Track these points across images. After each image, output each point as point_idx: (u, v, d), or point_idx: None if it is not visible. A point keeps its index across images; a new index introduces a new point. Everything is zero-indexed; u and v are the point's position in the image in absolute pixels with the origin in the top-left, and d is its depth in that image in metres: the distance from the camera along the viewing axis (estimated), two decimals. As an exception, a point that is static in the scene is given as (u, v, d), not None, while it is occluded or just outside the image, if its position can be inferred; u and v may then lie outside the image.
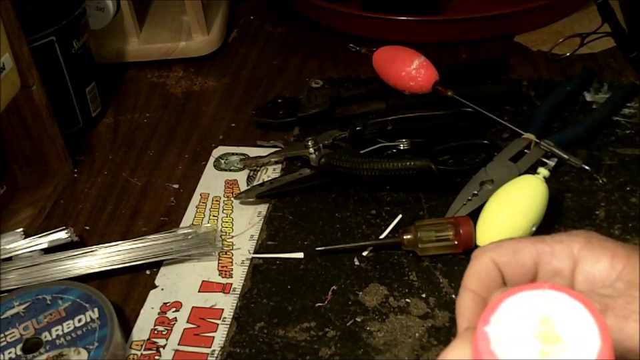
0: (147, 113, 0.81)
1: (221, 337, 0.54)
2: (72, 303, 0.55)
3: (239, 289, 0.58)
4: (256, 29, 0.95)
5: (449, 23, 0.87)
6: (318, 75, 0.83)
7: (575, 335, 0.25)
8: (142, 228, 0.65)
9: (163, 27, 0.90)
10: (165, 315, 0.57)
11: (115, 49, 0.87)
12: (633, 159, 0.66)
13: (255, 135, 0.75)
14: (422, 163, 0.61)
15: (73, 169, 0.73)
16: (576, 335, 0.25)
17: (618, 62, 0.80)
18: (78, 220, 0.67)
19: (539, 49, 0.84)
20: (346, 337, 0.53)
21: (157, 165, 0.73)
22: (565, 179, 0.65)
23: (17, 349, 0.52)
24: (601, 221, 0.60)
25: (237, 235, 0.63)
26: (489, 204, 0.58)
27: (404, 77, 0.72)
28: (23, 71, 0.63)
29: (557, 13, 0.88)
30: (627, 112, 0.72)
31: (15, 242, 0.61)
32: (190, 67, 0.88)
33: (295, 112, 0.75)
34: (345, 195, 0.66)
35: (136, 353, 0.54)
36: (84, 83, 0.76)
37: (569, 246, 0.33)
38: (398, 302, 0.55)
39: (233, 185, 0.69)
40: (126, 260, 0.60)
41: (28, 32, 0.65)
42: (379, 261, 0.59)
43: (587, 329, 0.25)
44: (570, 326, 0.26)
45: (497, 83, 0.78)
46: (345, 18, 0.89)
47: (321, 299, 0.56)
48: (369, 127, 0.69)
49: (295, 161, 0.70)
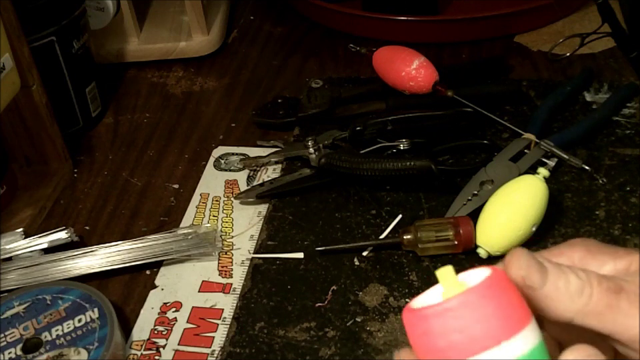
0: (147, 113, 0.81)
1: (221, 337, 0.54)
2: (72, 302, 0.55)
3: (239, 289, 0.58)
4: (256, 29, 0.95)
5: (449, 23, 0.87)
6: (318, 75, 0.83)
7: (475, 279, 0.29)
8: (142, 228, 0.65)
9: (163, 27, 0.90)
10: (165, 315, 0.57)
11: (115, 49, 0.87)
12: (633, 159, 0.66)
13: (255, 135, 0.75)
14: (422, 163, 0.61)
15: (72, 169, 0.73)
16: (476, 279, 0.29)
17: (618, 62, 0.80)
18: (78, 220, 0.67)
19: (539, 49, 0.84)
20: (346, 337, 0.53)
21: (157, 164, 0.73)
22: (565, 179, 0.65)
23: (17, 349, 0.52)
24: (601, 221, 0.60)
25: (237, 234, 0.63)
26: (489, 204, 0.58)
27: (404, 77, 0.72)
28: (22, 71, 0.63)
29: (556, 13, 0.88)
30: (627, 112, 0.72)
31: (15, 242, 0.61)
32: (190, 66, 0.88)
33: (295, 112, 0.75)
34: (345, 195, 0.66)
35: (136, 352, 0.54)
36: (84, 83, 0.76)
37: (570, 257, 0.33)
38: (398, 302, 0.55)
39: (233, 185, 0.69)
40: (126, 260, 0.60)
41: (28, 32, 0.65)
42: (379, 261, 0.59)
43: (485, 274, 0.29)
44: (474, 278, 0.29)
45: (496, 83, 0.78)
46: (344, 18, 0.89)
47: (320, 299, 0.56)
48: (369, 127, 0.69)
49: (295, 160, 0.70)
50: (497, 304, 0.27)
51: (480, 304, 0.27)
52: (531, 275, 0.29)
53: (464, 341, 0.27)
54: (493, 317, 0.27)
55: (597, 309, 0.29)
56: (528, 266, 0.29)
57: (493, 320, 0.27)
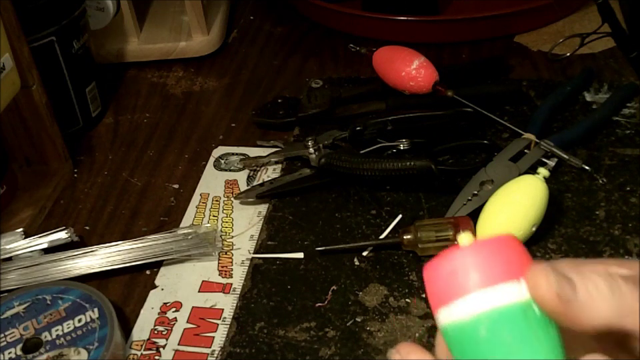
0: (147, 113, 0.81)
1: (221, 337, 0.54)
2: (72, 303, 0.55)
3: (239, 288, 0.58)
4: (256, 29, 0.95)
5: (449, 23, 0.87)
6: (318, 75, 0.83)
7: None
8: (142, 228, 0.65)
9: (163, 27, 0.90)
10: (165, 315, 0.57)
11: (115, 49, 0.87)
12: (633, 159, 0.66)
13: (255, 135, 0.75)
14: (422, 163, 0.61)
15: (73, 169, 0.73)
16: None
17: (618, 62, 0.80)
18: (78, 220, 0.67)
19: (539, 49, 0.84)
20: (346, 337, 0.53)
21: (157, 164, 0.73)
22: (565, 179, 0.65)
23: (17, 349, 0.52)
24: (601, 221, 0.60)
25: (237, 235, 0.63)
26: (489, 204, 0.58)
27: (404, 77, 0.72)
28: (22, 71, 0.63)
29: (556, 13, 0.88)
30: (627, 112, 0.72)
31: (15, 242, 0.61)
32: (190, 66, 0.88)
33: (295, 112, 0.75)
34: (345, 195, 0.66)
35: (136, 353, 0.54)
36: (84, 83, 0.76)
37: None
38: (398, 302, 0.55)
39: (233, 185, 0.69)
40: (126, 260, 0.60)
41: (28, 32, 0.65)
42: (379, 261, 0.59)
43: None
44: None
45: (496, 83, 0.78)
46: (344, 18, 0.89)
47: (320, 299, 0.56)
48: (369, 127, 0.69)
49: (295, 160, 0.70)
50: (510, 251, 0.29)
51: (498, 243, 0.29)
52: (563, 288, 0.28)
53: (485, 272, 0.28)
54: (509, 255, 0.29)
55: (633, 307, 0.28)
56: (557, 280, 0.28)
57: (507, 261, 0.29)
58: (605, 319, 0.28)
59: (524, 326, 0.28)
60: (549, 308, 0.28)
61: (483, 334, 0.28)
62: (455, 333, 0.29)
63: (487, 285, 0.28)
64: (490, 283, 0.28)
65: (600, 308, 0.28)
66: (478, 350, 0.28)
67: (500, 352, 0.28)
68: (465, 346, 0.29)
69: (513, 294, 0.28)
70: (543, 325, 0.28)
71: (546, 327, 0.28)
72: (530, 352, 0.28)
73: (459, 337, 0.29)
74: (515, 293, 0.28)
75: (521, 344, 0.28)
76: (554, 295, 0.28)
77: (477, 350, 0.28)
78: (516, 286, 0.28)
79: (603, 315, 0.28)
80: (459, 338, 0.29)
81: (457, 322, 0.29)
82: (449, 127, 0.70)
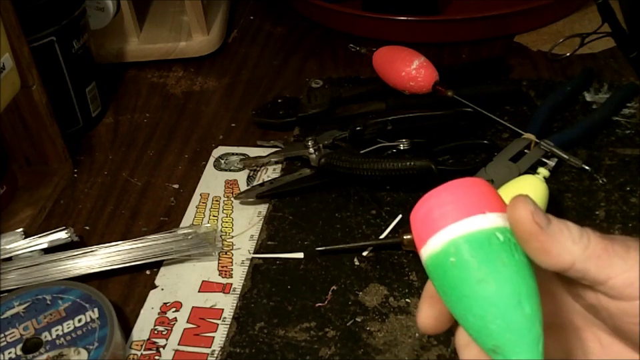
0: (147, 112, 0.81)
1: (221, 337, 0.54)
2: (72, 303, 0.55)
3: (239, 288, 0.58)
4: (256, 29, 0.95)
5: (449, 23, 0.87)
6: (318, 75, 0.83)
7: None
8: (142, 228, 0.65)
9: (163, 27, 0.90)
10: (165, 315, 0.57)
11: (115, 49, 0.87)
12: (633, 159, 0.66)
13: (255, 135, 0.75)
14: (422, 163, 0.61)
15: (73, 169, 0.73)
16: None
17: (618, 62, 0.80)
18: (78, 220, 0.67)
19: (539, 49, 0.84)
20: (346, 336, 0.53)
21: (157, 164, 0.73)
22: (565, 179, 0.65)
23: (17, 349, 0.52)
24: (601, 221, 0.60)
25: (237, 234, 0.63)
26: (489, 204, 0.58)
27: (404, 77, 0.72)
28: (23, 71, 0.63)
29: (556, 12, 0.88)
30: (627, 112, 0.72)
31: (15, 242, 0.61)
32: (190, 66, 0.88)
33: (295, 112, 0.75)
34: (345, 195, 0.66)
35: (136, 353, 0.54)
36: (84, 83, 0.76)
37: None
38: (398, 302, 0.55)
39: (233, 185, 0.69)
40: (126, 260, 0.60)
41: (28, 32, 0.65)
42: (379, 261, 0.59)
43: None
44: None
45: (496, 83, 0.78)
46: (345, 18, 0.89)
47: (320, 299, 0.56)
48: (369, 127, 0.69)
49: (295, 160, 0.70)
50: (479, 190, 0.32)
51: (468, 184, 0.32)
52: (539, 215, 0.30)
53: (454, 209, 0.31)
54: (478, 194, 0.32)
55: (596, 252, 0.30)
56: (535, 208, 0.31)
57: (476, 199, 0.31)
58: (571, 255, 0.30)
59: (489, 250, 0.30)
60: (523, 229, 0.30)
61: (452, 260, 0.30)
62: (432, 267, 0.31)
63: (457, 219, 0.31)
64: (459, 217, 0.31)
65: (568, 244, 0.30)
66: (450, 276, 0.30)
67: (468, 276, 0.30)
68: (441, 275, 0.31)
69: (478, 223, 0.30)
70: (508, 251, 0.30)
71: (511, 253, 0.30)
72: (496, 274, 0.29)
73: (436, 268, 0.31)
74: (480, 222, 0.30)
75: (487, 267, 0.29)
76: (530, 218, 0.30)
77: (449, 276, 0.30)
78: (482, 217, 0.30)
79: (570, 251, 0.30)
80: (436, 269, 0.31)
81: (432, 255, 0.31)
82: (449, 127, 0.70)
